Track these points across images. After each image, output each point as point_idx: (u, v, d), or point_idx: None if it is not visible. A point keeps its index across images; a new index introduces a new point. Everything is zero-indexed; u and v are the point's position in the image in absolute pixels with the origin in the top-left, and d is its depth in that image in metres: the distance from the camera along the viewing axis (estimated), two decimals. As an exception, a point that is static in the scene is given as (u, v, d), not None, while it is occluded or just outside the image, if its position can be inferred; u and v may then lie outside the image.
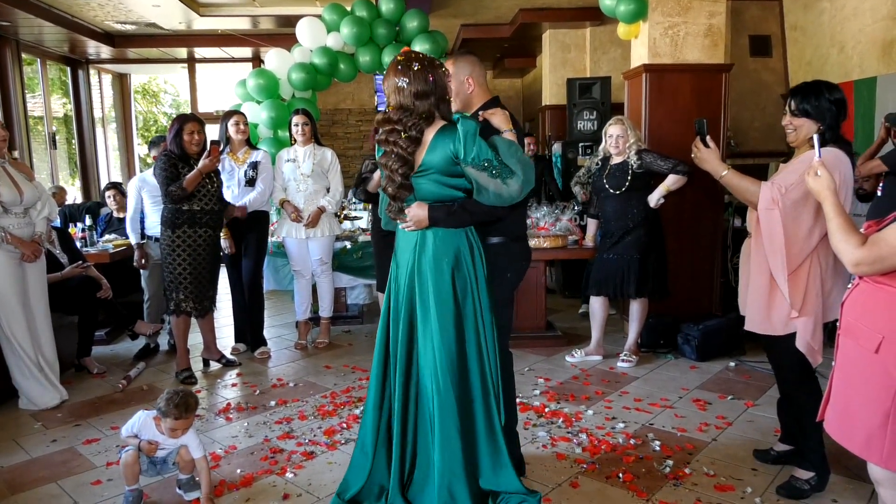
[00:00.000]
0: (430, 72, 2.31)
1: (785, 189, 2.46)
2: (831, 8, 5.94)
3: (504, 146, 2.33)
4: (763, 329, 2.65)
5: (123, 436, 2.70)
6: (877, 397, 1.84)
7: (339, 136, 10.40)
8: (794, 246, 2.46)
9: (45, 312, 3.84)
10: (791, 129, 2.56)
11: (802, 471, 2.69)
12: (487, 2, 6.82)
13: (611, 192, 4.21)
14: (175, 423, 2.61)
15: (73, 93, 8.80)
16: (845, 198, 2.41)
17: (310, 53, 5.92)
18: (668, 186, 4.11)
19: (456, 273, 2.40)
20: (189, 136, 4.04)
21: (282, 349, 4.89)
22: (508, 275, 2.63)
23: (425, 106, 2.32)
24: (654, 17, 4.63)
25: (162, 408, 2.61)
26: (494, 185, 2.29)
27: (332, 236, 4.83)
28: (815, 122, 2.49)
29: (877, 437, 1.85)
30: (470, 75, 2.59)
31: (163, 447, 2.68)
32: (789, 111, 2.56)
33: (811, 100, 2.48)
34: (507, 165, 2.29)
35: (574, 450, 3.09)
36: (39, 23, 6.59)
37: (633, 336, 4.39)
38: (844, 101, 2.51)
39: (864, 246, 1.83)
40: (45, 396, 3.77)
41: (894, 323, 1.80)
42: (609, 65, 7.40)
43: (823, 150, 2.38)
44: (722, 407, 3.60)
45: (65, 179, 8.82)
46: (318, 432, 3.35)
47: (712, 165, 2.66)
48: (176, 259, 4.04)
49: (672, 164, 4.07)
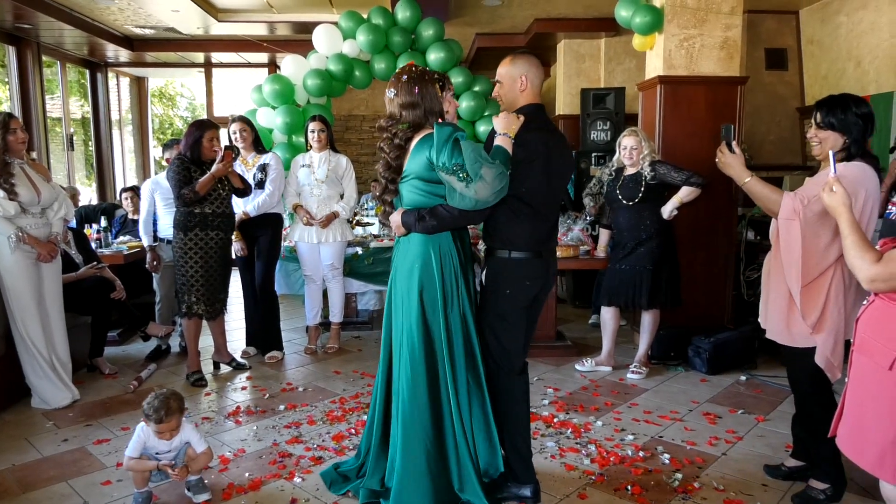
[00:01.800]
0: (417, 84, 2.44)
1: (808, 201, 2.45)
2: (848, 22, 5.92)
3: (469, 150, 2.32)
4: (783, 340, 2.65)
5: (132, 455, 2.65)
6: (890, 414, 1.83)
7: (353, 142, 10.44)
8: (811, 258, 2.45)
9: (60, 312, 3.88)
10: (816, 141, 2.55)
11: (818, 482, 2.68)
12: (503, 11, 6.85)
13: (624, 203, 4.20)
14: (159, 427, 2.64)
15: (92, 95, 8.90)
16: (872, 211, 2.41)
17: (325, 60, 5.96)
18: (681, 198, 4.09)
19: (425, 279, 2.46)
20: (209, 143, 4.08)
21: (291, 353, 4.91)
22: (508, 291, 2.53)
23: (412, 116, 2.45)
24: (669, 29, 4.63)
25: (146, 412, 2.65)
26: (460, 188, 2.33)
27: (344, 242, 4.84)
28: (840, 135, 2.48)
29: (889, 454, 1.84)
30: (526, 74, 2.57)
31: (169, 450, 2.70)
32: (815, 123, 2.55)
33: (837, 113, 2.48)
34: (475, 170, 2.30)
35: (583, 461, 3.08)
36: (60, 26, 6.68)
37: (643, 347, 4.37)
38: (871, 116, 2.49)
39: (880, 262, 1.82)
40: (58, 396, 3.80)
41: None
42: (623, 75, 7.40)
43: (850, 165, 2.40)
44: (732, 421, 3.57)
45: (81, 181, 8.91)
46: (326, 437, 3.36)
47: (736, 171, 2.67)
48: (188, 262, 4.07)
49: (686, 176, 4.06)
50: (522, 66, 2.57)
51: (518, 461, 2.67)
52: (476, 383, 2.59)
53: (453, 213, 2.40)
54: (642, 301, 4.19)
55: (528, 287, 2.55)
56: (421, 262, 2.48)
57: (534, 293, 2.57)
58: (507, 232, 2.52)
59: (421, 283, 2.47)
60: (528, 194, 2.47)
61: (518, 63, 2.58)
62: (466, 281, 2.57)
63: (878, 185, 2.47)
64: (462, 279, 2.53)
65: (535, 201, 2.50)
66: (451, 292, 2.50)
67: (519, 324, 2.58)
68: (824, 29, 6.29)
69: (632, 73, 7.27)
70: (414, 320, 2.48)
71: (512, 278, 2.54)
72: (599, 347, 4.53)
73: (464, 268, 2.56)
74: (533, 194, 2.48)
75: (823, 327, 2.50)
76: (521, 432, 2.66)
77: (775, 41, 6.70)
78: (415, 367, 2.49)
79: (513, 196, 2.44)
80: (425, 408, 2.49)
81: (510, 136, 2.43)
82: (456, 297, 2.50)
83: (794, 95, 6.71)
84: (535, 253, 2.54)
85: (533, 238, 2.53)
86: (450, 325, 2.50)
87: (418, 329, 2.48)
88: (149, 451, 2.70)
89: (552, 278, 2.68)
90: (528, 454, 2.68)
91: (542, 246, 2.56)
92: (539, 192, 2.50)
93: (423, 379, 2.49)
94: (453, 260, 2.50)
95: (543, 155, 2.47)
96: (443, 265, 2.48)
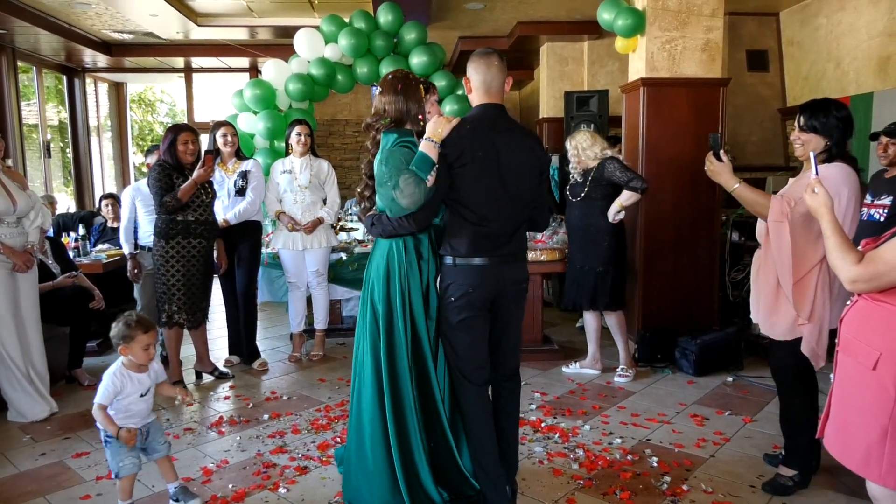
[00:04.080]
0: (401, 82, 2.53)
1: (794, 202, 2.54)
2: (827, 24, 5.97)
3: (396, 158, 2.36)
4: (768, 332, 2.74)
5: (103, 403, 2.52)
6: (874, 414, 1.84)
7: (337, 146, 10.40)
8: (801, 256, 2.53)
9: (36, 323, 3.80)
10: (799, 143, 2.66)
11: (787, 468, 2.81)
12: (485, 14, 6.84)
13: (571, 199, 4.23)
14: (145, 337, 2.60)
15: (69, 101, 8.78)
16: (854, 209, 2.52)
17: (307, 64, 5.91)
18: (621, 202, 4.04)
19: (376, 282, 2.53)
20: (184, 146, 4.02)
21: (276, 362, 4.84)
22: (452, 298, 2.45)
23: (393, 111, 2.53)
24: (651, 32, 4.64)
25: (125, 334, 2.57)
26: (390, 195, 2.37)
27: (328, 248, 4.79)
28: (822, 137, 2.59)
29: (874, 453, 1.85)
30: (468, 76, 2.51)
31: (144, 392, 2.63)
32: (798, 126, 2.65)
33: (819, 116, 2.59)
34: (395, 178, 2.34)
35: (571, 465, 3.06)
36: (36, 31, 6.58)
37: (622, 349, 4.33)
38: (851, 119, 2.62)
39: (861, 263, 1.84)
40: (35, 409, 3.71)
41: (892, 339, 1.81)
42: (606, 78, 7.42)
43: (831, 166, 2.54)
44: (720, 422, 3.57)
45: (58, 188, 8.78)
46: (311, 447, 3.31)
47: (725, 179, 2.73)
48: (169, 270, 4.00)
49: (627, 178, 4.00)
50: (468, 68, 2.51)
51: (486, 481, 2.53)
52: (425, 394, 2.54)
53: (391, 220, 2.43)
54: (584, 303, 4.21)
55: (471, 295, 2.43)
56: (373, 265, 2.58)
57: (480, 302, 2.45)
58: (451, 238, 2.46)
59: (371, 285, 2.55)
60: (466, 198, 2.41)
61: (468, 66, 2.53)
62: (425, 288, 2.52)
63: (859, 184, 2.57)
64: (414, 285, 2.51)
65: (473, 205, 2.41)
66: (395, 297, 2.50)
67: (467, 333, 2.47)
68: (804, 30, 6.34)
69: (615, 75, 7.29)
70: (367, 321, 2.55)
71: (455, 286, 2.45)
72: (587, 350, 4.52)
73: (420, 274, 2.52)
74: (469, 198, 2.41)
75: (811, 318, 2.57)
76: (484, 451, 2.52)
77: (756, 43, 6.75)
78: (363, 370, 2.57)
79: (454, 200, 2.43)
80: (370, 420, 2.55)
81: (434, 139, 2.35)
82: (400, 302, 2.49)
83: (775, 96, 6.76)
84: (483, 259, 2.43)
85: (476, 244, 2.42)
86: (393, 329, 2.50)
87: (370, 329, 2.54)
88: (121, 405, 2.57)
89: (514, 285, 2.53)
90: (495, 473, 2.53)
91: (491, 252, 2.43)
92: (473, 195, 2.40)
93: (370, 387, 2.54)
94: (401, 266, 2.50)
95: (469, 156, 2.37)
96: (389, 269, 2.51)
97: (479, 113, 2.50)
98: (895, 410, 1.80)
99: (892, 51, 5.20)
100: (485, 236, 2.42)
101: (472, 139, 2.39)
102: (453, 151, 2.37)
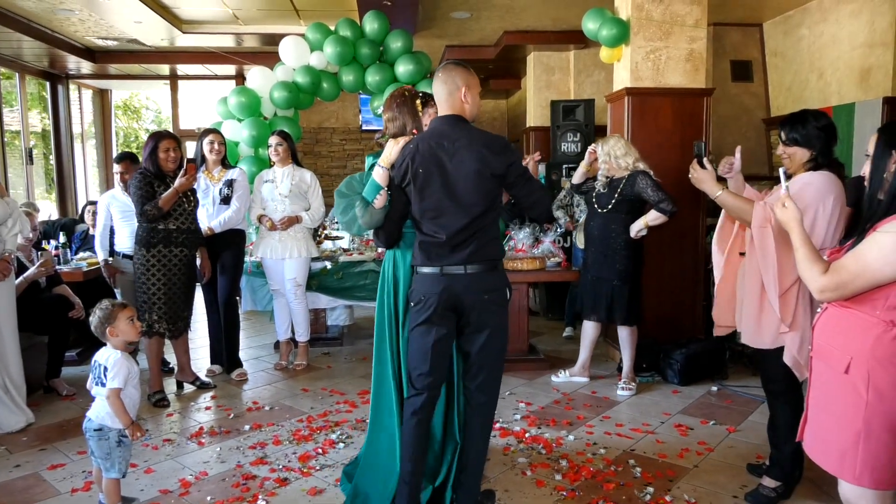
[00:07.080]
0: (397, 100, 2.72)
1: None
2: (810, 35, 6.03)
3: (344, 184, 2.76)
4: (754, 342, 2.74)
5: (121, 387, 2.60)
6: (849, 416, 1.90)
7: (323, 154, 10.37)
8: (786, 263, 2.53)
9: (13, 331, 3.73)
10: (785, 157, 2.68)
11: (770, 479, 2.80)
12: (471, 24, 6.85)
13: (597, 209, 4.19)
14: (126, 311, 2.73)
15: (52, 108, 8.69)
16: (840, 212, 2.53)
17: (293, 72, 5.88)
18: (646, 221, 4.01)
19: (380, 289, 2.75)
20: (165, 154, 3.98)
21: (259, 371, 4.79)
22: (412, 303, 2.51)
23: (392, 128, 2.71)
24: (636, 42, 4.66)
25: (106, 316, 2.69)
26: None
27: (307, 258, 4.75)
28: (806, 149, 2.61)
29: (849, 454, 1.90)
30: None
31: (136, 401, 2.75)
32: (781, 141, 2.68)
33: (798, 129, 2.61)
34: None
35: (554, 476, 3.03)
36: (18, 37, 6.51)
37: (628, 363, 4.27)
38: (832, 127, 2.63)
39: (827, 273, 1.91)
40: (10, 419, 3.64)
41: (861, 344, 1.88)
42: (592, 87, 7.45)
43: (815, 174, 2.56)
44: (703, 432, 3.56)
45: (41, 195, 8.69)
46: (292, 458, 3.26)
47: (708, 186, 2.77)
48: (150, 279, 3.95)
49: (658, 199, 3.94)
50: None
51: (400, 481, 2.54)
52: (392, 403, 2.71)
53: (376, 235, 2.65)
54: (600, 313, 4.19)
55: (424, 302, 2.45)
56: (383, 273, 2.77)
57: (434, 310, 2.43)
58: (414, 247, 2.54)
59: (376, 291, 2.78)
60: (416, 212, 2.48)
61: None
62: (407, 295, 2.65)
63: (843, 190, 2.58)
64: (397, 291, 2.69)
65: (422, 218, 2.45)
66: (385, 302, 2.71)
67: (418, 338, 2.48)
68: (787, 41, 6.40)
69: (601, 84, 7.32)
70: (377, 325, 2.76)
71: (414, 292, 2.52)
72: (573, 360, 4.50)
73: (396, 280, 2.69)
74: (418, 212, 2.46)
75: (793, 326, 2.59)
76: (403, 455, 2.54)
77: (740, 53, 6.81)
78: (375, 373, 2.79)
79: (410, 215, 2.54)
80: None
81: (383, 165, 2.48)
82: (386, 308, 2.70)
83: (759, 106, 6.81)
84: (434, 268, 2.44)
85: (427, 252, 2.46)
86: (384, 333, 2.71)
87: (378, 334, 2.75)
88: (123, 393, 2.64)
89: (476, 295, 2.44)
90: (408, 471, 2.50)
91: (443, 261, 2.43)
92: (420, 209, 2.45)
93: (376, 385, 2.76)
94: (387, 273, 2.72)
95: (412, 173, 2.42)
96: (385, 277, 2.73)
97: (429, 129, 2.56)
98: (868, 412, 1.85)
99: (872, 62, 5.25)
100: (437, 246, 2.44)
101: (413, 157, 2.43)
102: (398, 173, 2.48)
